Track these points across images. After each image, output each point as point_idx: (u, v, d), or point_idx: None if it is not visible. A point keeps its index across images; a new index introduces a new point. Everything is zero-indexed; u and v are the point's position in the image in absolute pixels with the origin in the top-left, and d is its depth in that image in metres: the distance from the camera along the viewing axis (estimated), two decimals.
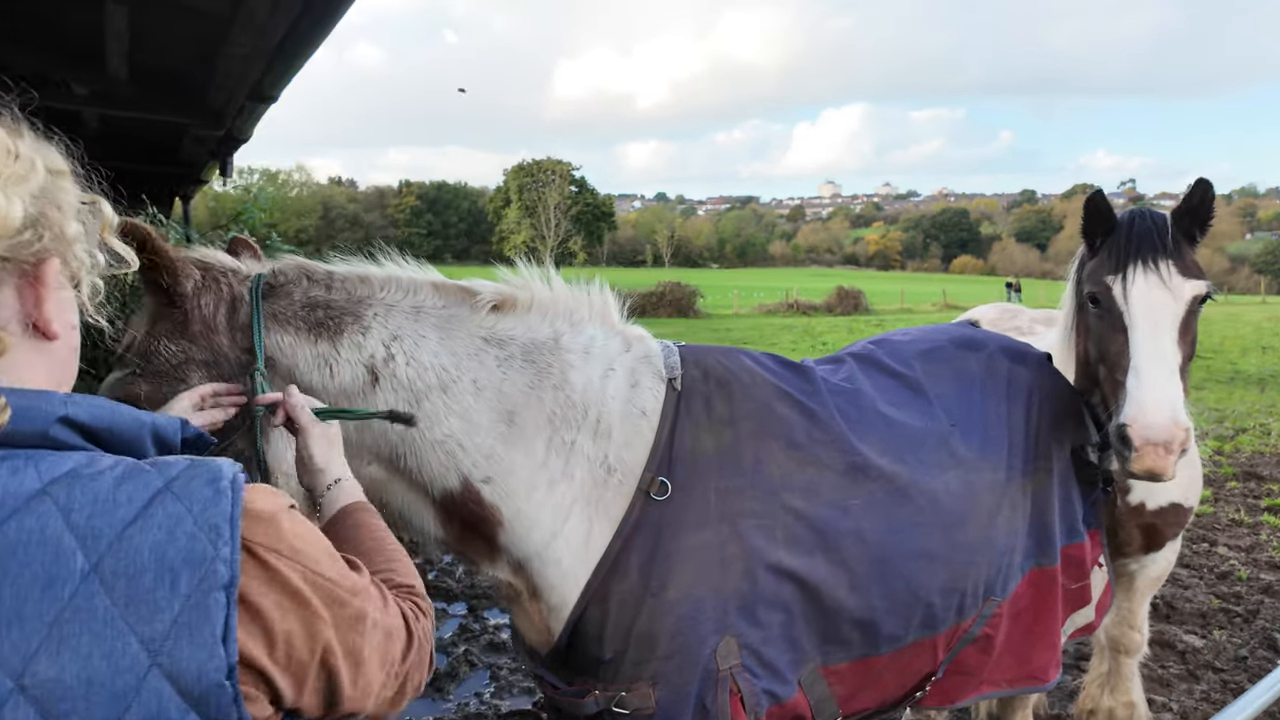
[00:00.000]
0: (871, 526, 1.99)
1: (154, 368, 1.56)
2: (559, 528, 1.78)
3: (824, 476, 1.99)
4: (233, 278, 1.66)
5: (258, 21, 3.31)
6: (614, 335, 1.98)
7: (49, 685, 0.71)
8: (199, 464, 0.84)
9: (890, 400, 2.22)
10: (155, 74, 4.68)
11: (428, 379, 1.71)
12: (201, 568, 0.77)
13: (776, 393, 2.04)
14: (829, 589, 1.91)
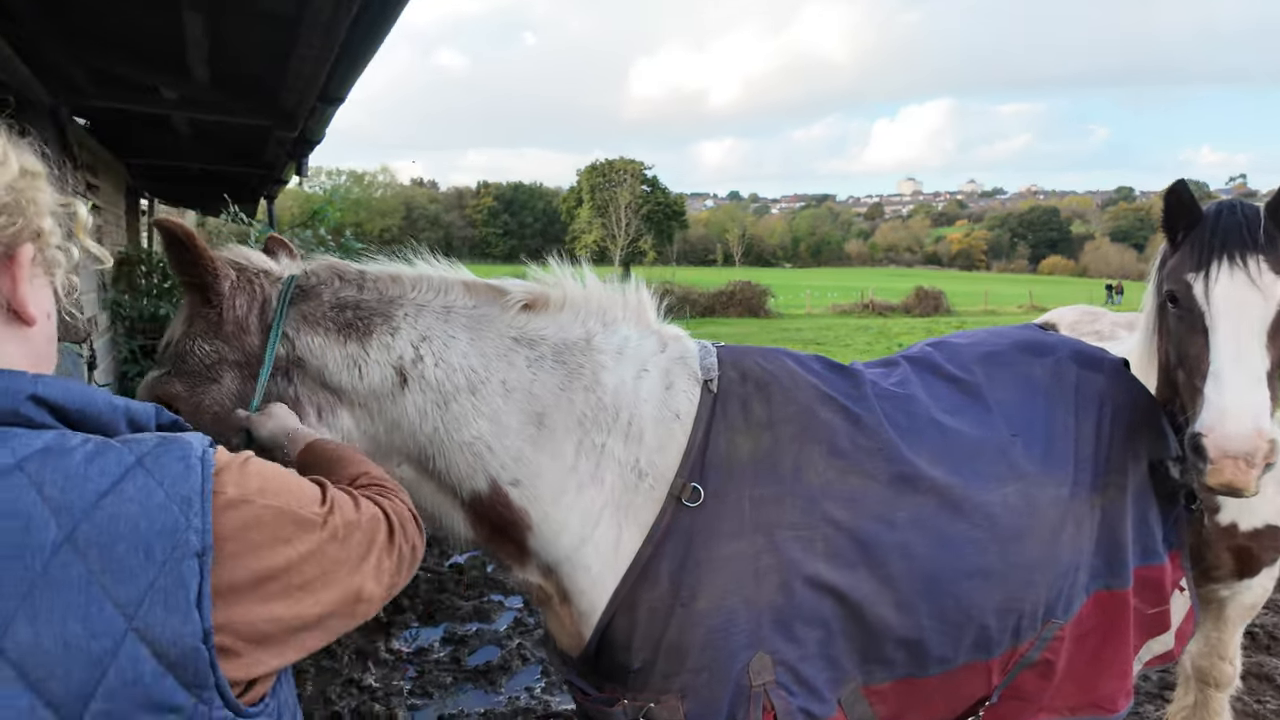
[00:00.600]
0: (920, 541, 1.87)
1: (188, 368, 1.58)
2: (588, 533, 1.73)
3: (869, 486, 1.88)
4: (264, 279, 1.67)
5: (322, 22, 3.39)
6: (649, 335, 1.92)
7: (27, 649, 0.74)
8: (170, 440, 0.87)
9: (945, 407, 2.09)
10: (233, 78, 4.89)
11: (456, 380, 1.69)
12: (174, 537, 0.80)
13: (819, 396, 1.94)
14: (872, 606, 1.81)
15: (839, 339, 24.80)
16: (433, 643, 4.84)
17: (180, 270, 1.56)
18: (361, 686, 4.34)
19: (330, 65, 3.92)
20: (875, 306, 37.65)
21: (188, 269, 1.55)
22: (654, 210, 74.63)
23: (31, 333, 0.91)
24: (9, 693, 0.73)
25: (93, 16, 4.31)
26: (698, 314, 35.89)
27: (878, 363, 2.37)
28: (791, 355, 2.09)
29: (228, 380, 1.58)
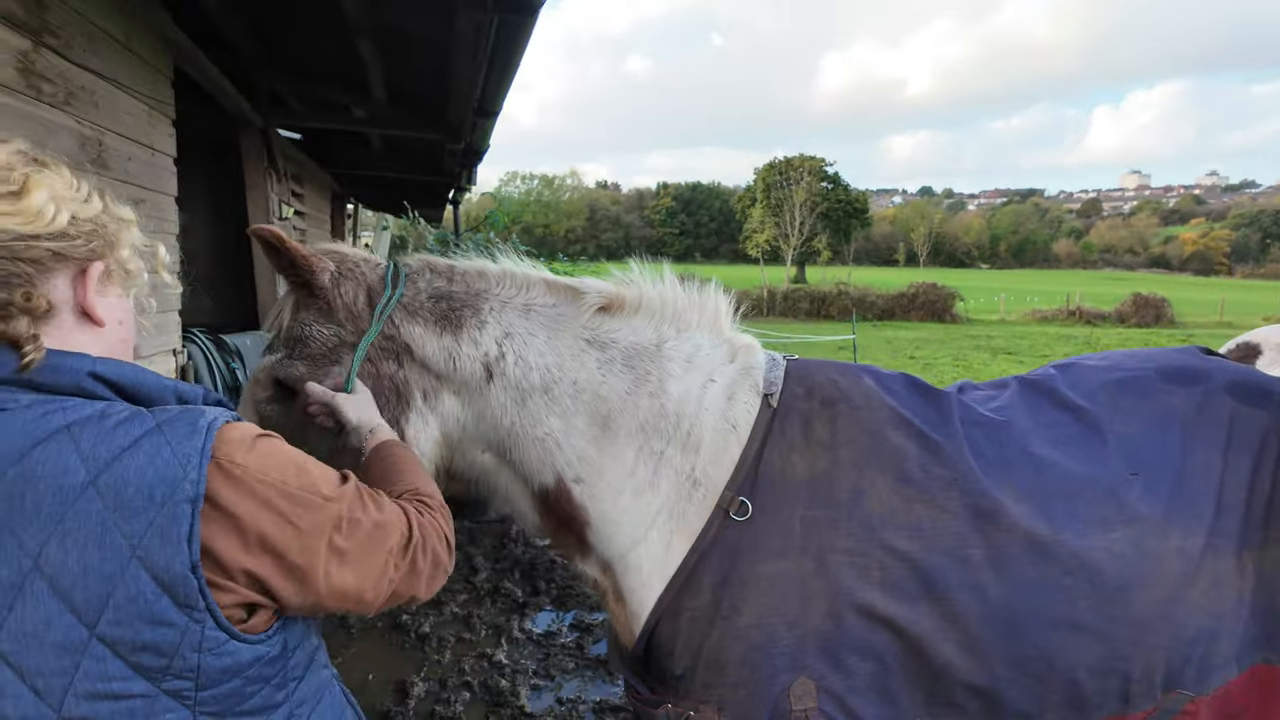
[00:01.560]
0: (996, 582, 1.71)
1: (310, 351, 1.71)
2: (641, 535, 1.76)
3: (939, 519, 1.74)
4: (365, 266, 1.80)
5: (467, 44, 3.67)
6: (721, 344, 1.90)
7: (57, 566, 0.93)
8: (189, 409, 1.05)
9: (1049, 438, 1.88)
10: (406, 97, 5.40)
11: (532, 379, 1.77)
12: (172, 485, 0.97)
13: (893, 419, 1.83)
14: (934, 644, 1.68)
15: (1034, 349, 22.67)
16: (561, 628, 5.06)
17: (282, 270, 1.68)
18: (492, 661, 4.64)
19: (481, 83, 4.23)
20: (1082, 314, 33.97)
21: (288, 268, 1.67)
22: (833, 208, 72.11)
23: (103, 332, 1.11)
24: (42, 600, 0.93)
25: (291, 46, 4.96)
26: (875, 317, 34.37)
27: (989, 384, 2.18)
28: (872, 373, 1.98)
29: (347, 362, 1.69)
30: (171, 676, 0.99)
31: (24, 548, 0.93)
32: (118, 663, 0.96)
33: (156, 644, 0.97)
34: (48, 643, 0.93)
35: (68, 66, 2.56)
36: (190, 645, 0.99)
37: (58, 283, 1.05)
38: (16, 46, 2.26)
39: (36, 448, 0.95)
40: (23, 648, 0.93)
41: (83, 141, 2.67)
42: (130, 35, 3.12)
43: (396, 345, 1.72)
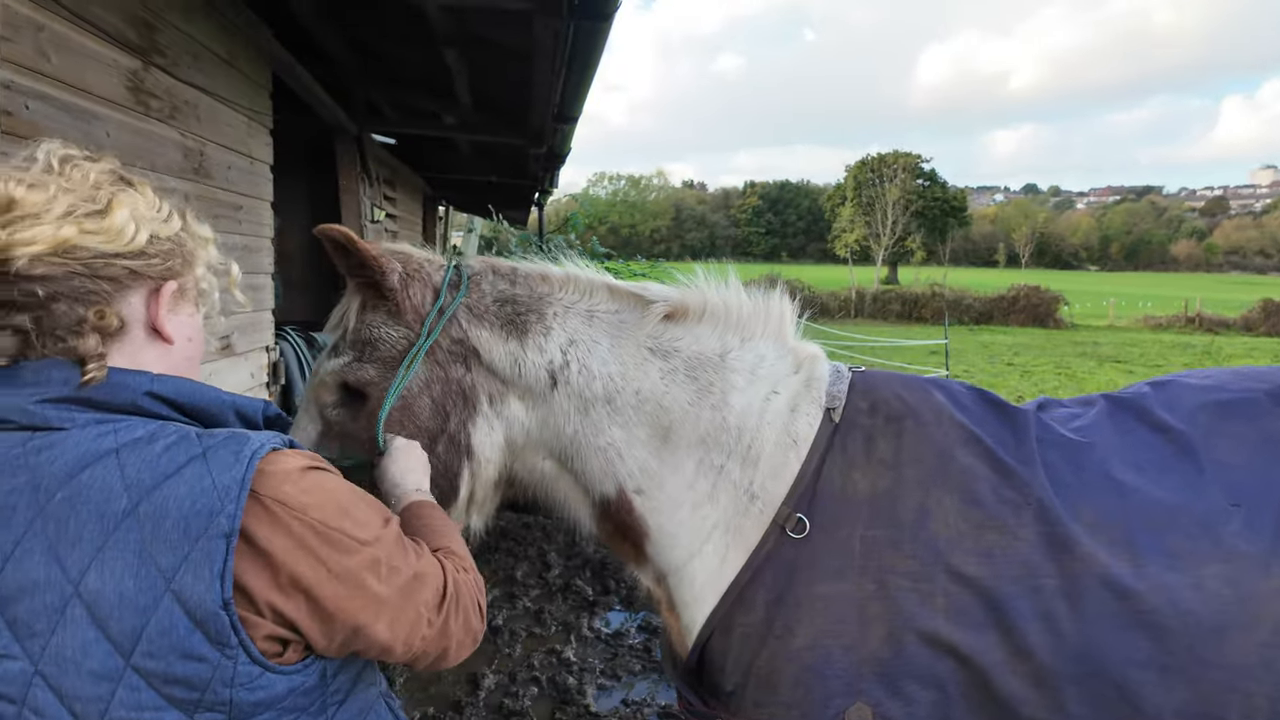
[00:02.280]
0: (1071, 615, 1.60)
1: (380, 354, 1.70)
2: (698, 549, 1.74)
3: (1010, 545, 1.65)
4: (430, 268, 1.78)
5: (546, 50, 3.74)
6: (785, 354, 1.85)
7: (95, 593, 0.93)
8: (236, 435, 1.03)
9: (1135, 462, 1.75)
10: (491, 103, 5.54)
11: (595, 389, 1.75)
12: (210, 519, 0.95)
13: (964, 438, 1.74)
14: (1000, 675, 1.59)
15: (1146, 357, 21.23)
16: (629, 628, 5.08)
17: (350, 271, 1.64)
18: (561, 658, 4.71)
19: (560, 89, 4.29)
20: (1203, 321, 31.52)
21: (356, 269, 1.63)
22: (928, 206, 69.52)
23: (171, 349, 1.11)
24: (81, 626, 0.93)
25: (385, 56, 5.17)
26: (971, 320, 32.94)
27: (1074, 401, 2.05)
28: (942, 388, 1.89)
29: (418, 366, 1.66)
30: (204, 710, 0.98)
31: (67, 573, 0.93)
32: (151, 693, 0.95)
33: (188, 678, 0.95)
34: (85, 669, 0.93)
35: (173, 83, 2.76)
36: (222, 680, 0.97)
37: (132, 300, 1.07)
38: (127, 66, 2.44)
39: (85, 471, 0.95)
40: (62, 671, 0.93)
41: (186, 153, 2.86)
42: (233, 52, 3.32)
43: (465, 349, 1.72)
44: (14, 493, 0.95)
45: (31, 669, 0.93)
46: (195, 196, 2.92)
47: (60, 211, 0.99)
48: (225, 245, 3.32)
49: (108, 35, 2.31)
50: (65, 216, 0.99)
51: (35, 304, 0.98)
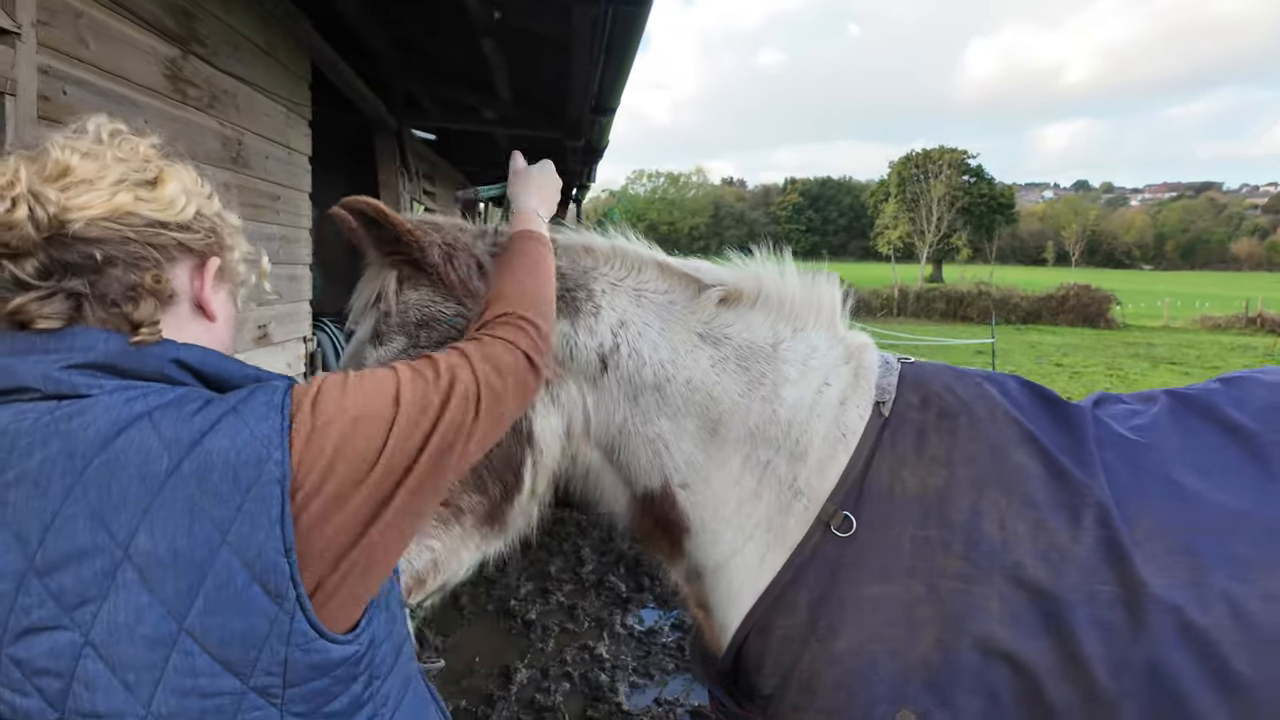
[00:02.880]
0: (1128, 624, 1.50)
1: (439, 335, 1.58)
2: (740, 546, 1.68)
3: (1068, 549, 1.55)
4: (468, 237, 1.66)
5: (584, 41, 3.69)
6: (836, 344, 1.77)
7: (146, 554, 0.91)
8: (258, 386, 1.03)
9: (1198, 464, 1.63)
10: (529, 96, 5.53)
11: (645, 375, 1.66)
12: (258, 467, 0.94)
13: (1019, 436, 1.65)
14: (1054, 684, 1.50)
15: (1203, 359, 20.45)
16: (663, 626, 5.03)
17: (383, 247, 1.53)
18: (594, 654, 4.67)
19: (598, 79, 4.24)
20: (1265, 321, 30.24)
21: (390, 245, 1.52)
22: (974, 203, 67.96)
23: (213, 327, 1.12)
24: (133, 590, 0.91)
25: (425, 50, 5.18)
26: (1018, 320, 32.12)
27: (1134, 397, 1.93)
28: (996, 382, 1.79)
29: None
30: (260, 672, 0.96)
31: (114, 537, 0.91)
32: (205, 658, 0.94)
33: (245, 635, 0.94)
34: (138, 635, 0.92)
35: (212, 72, 2.77)
36: (279, 637, 0.96)
37: (179, 273, 1.07)
38: (166, 55, 2.46)
39: (119, 435, 0.94)
40: (114, 640, 0.91)
41: (224, 141, 2.88)
42: (271, 42, 3.34)
43: None
44: (47, 462, 0.93)
45: (81, 639, 0.91)
46: (233, 186, 2.94)
47: (114, 179, 1.00)
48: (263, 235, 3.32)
49: (146, 23, 2.32)
50: (119, 184, 1.01)
51: (91, 267, 0.97)
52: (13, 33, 1.67)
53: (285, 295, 3.49)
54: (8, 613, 0.92)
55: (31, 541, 0.92)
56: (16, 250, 0.94)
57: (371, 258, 1.63)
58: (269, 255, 1.46)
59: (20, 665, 0.92)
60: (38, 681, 0.92)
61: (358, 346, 1.63)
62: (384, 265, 1.60)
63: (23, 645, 0.92)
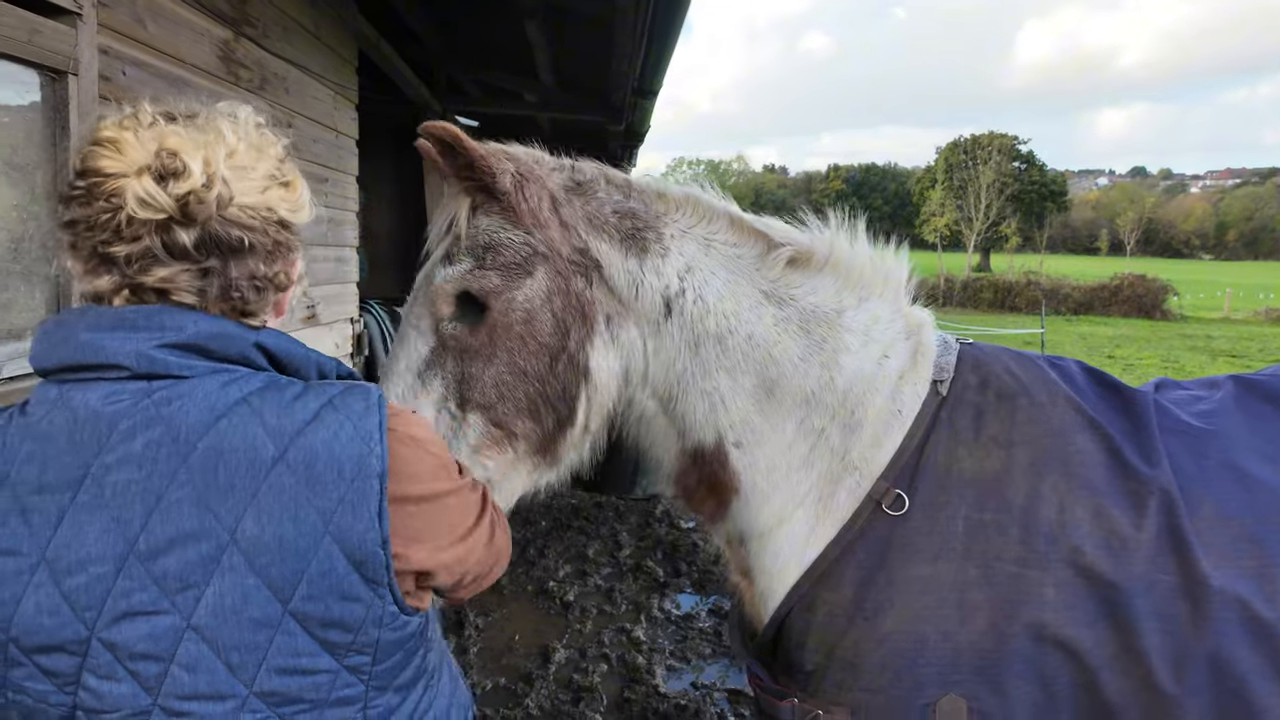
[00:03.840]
0: (1190, 616, 1.44)
1: (503, 259, 1.55)
2: (788, 514, 1.65)
3: (1130, 537, 1.51)
4: (542, 169, 1.61)
5: (627, 23, 3.66)
6: (898, 318, 1.73)
7: (252, 540, 0.93)
8: (354, 386, 1.06)
9: (1266, 452, 1.57)
10: (572, 80, 5.52)
11: (708, 324, 1.63)
12: (360, 461, 0.97)
13: (1081, 421, 1.60)
14: (1109, 675, 1.45)
15: (1266, 352, 19.65)
16: (700, 611, 5.03)
17: (457, 173, 1.53)
18: (631, 637, 4.70)
19: (641, 61, 4.21)
20: None
21: (464, 171, 1.52)
22: (1025, 190, 66.02)
23: (278, 322, 1.17)
24: (240, 574, 0.93)
25: (470, 33, 5.21)
26: (1069, 310, 31.22)
27: (1197, 383, 1.86)
28: (1056, 365, 1.74)
29: (540, 274, 1.55)
30: (354, 652, 1.00)
31: (220, 521, 0.92)
32: (306, 638, 0.96)
33: (344, 619, 0.97)
34: (244, 618, 0.93)
35: (263, 55, 2.82)
36: (373, 621, 0.99)
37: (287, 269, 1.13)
38: (219, 36, 2.50)
39: (220, 420, 0.95)
40: (219, 622, 0.93)
41: (274, 124, 2.93)
42: (319, 25, 3.39)
43: (587, 260, 1.58)
44: (151, 445, 0.93)
45: (183, 623, 0.93)
46: None
47: (264, 173, 1.05)
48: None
49: (200, 4, 2.37)
50: (268, 179, 1.06)
51: (235, 249, 1.01)
52: (75, 13, 1.71)
53: (333, 276, 3.56)
54: (105, 596, 0.92)
55: (134, 525, 0.92)
56: (192, 220, 0.97)
57: (449, 184, 1.62)
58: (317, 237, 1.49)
59: (114, 649, 0.93)
60: (132, 665, 0.93)
61: (430, 266, 1.63)
62: (459, 192, 1.60)
63: (118, 629, 0.92)
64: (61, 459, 0.94)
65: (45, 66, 1.65)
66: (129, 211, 0.94)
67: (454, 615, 4.99)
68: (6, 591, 0.92)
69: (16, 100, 1.63)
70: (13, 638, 0.93)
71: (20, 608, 0.92)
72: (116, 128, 0.98)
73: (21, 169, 1.64)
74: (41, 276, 1.70)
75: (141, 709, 0.94)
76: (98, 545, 0.92)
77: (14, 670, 0.94)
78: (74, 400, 0.96)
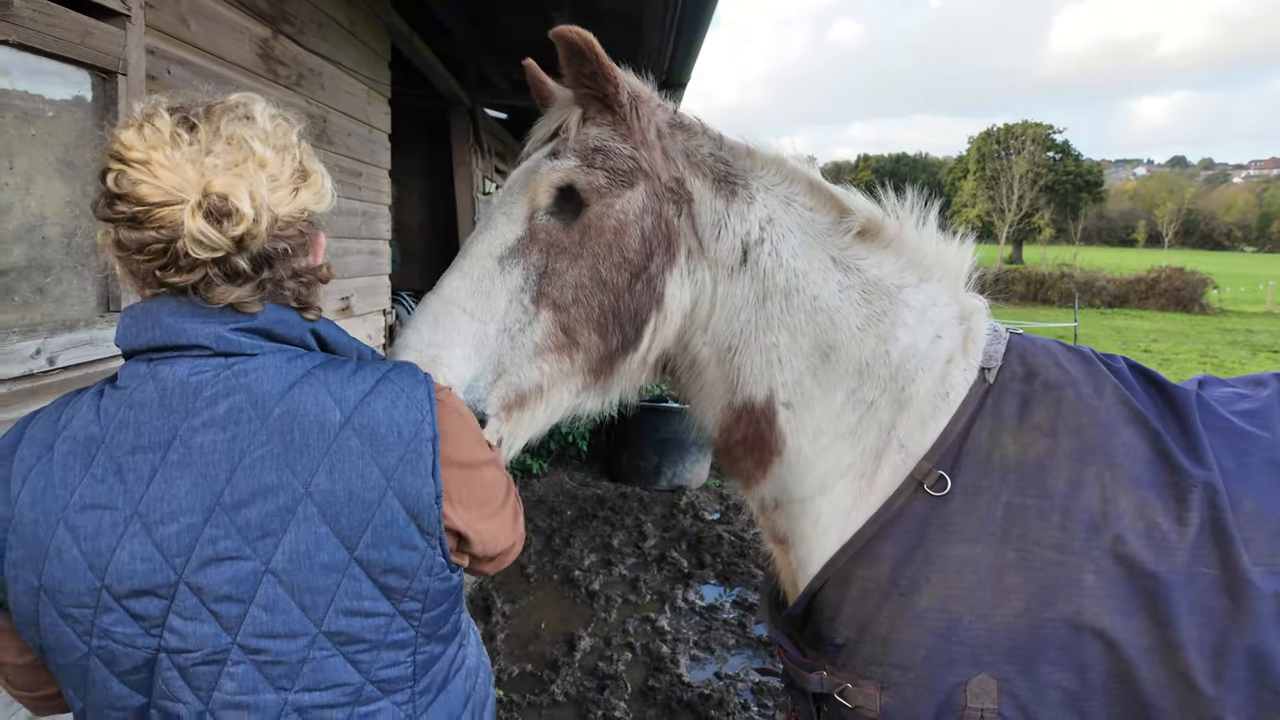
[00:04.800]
0: (1227, 610, 1.45)
1: (611, 164, 1.57)
2: (830, 485, 1.66)
3: (1171, 529, 1.51)
4: (653, 101, 1.66)
5: (656, 14, 3.67)
6: (953, 302, 1.75)
7: (324, 493, 1.04)
8: (402, 364, 1.18)
9: None
10: None
11: (779, 279, 1.65)
12: (416, 426, 1.09)
13: (1128, 415, 1.60)
14: (1146, 667, 1.46)
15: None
16: (724, 603, 5.06)
17: (579, 79, 1.56)
18: (655, 626, 4.74)
19: (669, 53, 4.21)
20: None
21: (587, 79, 1.54)
22: (1059, 180, 64.56)
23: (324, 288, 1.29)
24: (313, 524, 1.04)
25: (501, 27, 5.24)
26: (1103, 304, 30.58)
27: (1241, 381, 1.85)
28: (1104, 359, 1.74)
29: (640, 189, 1.57)
30: (408, 599, 1.11)
31: (296, 476, 1.04)
32: (369, 583, 1.07)
33: (401, 567, 1.08)
34: (316, 563, 1.04)
35: (300, 51, 2.87)
36: (426, 569, 1.11)
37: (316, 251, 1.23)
38: (258, 34, 2.56)
39: (293, 389, 1.07)
40: (295, 567, 1.04)
41: (310, 119, 2.98)
42: (354, 21, 3.44)
43: (681, 192, 1.62)
44: (234, 410, 1.05)
45: (263, 568, 1.03)
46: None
47: (290, 173, 1.12)
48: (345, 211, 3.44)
49: (240, 3, 2.42)
50: (296, 180, 1.13)
51: (282, 256, 1.10)
52: (123, 15, 1.77)
53: (366, 269, 3.62)
54: (193, 544, 1.03)
55: (219, 480, 1.03)
56: (246, 250, 1.06)
57: (564, 92, 1.66)
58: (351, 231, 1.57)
59: (199, 592, 1.03)
60: (215, 607, 1.03)
61: (534, 161, 1.64)
62: (573, 101, 1.64)
63: (204, 574, 1.03)
64: (153, 423, 1.05)
65: (96, 67, 1.71)
66: (186, 248, 1.03)
67: (481, 602, 5.07)
68: (103, 542, 1.02)
69: (70, 100, 1.69)
70: (106, 585, 1.03)
71: (115, 556, 1.02)
72: (139, 140, 1.04)
73: (74, 167, 1.70)
74: (92, 270, 1.76)
75: (222, 647, 1.04)
76: (187, 498, 1.03)
77: (104, 616, 1.03)
78: (162, 373, 1.06)
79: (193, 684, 1.04)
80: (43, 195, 1.61)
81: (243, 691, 1.05)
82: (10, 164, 1.52)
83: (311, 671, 1.07)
